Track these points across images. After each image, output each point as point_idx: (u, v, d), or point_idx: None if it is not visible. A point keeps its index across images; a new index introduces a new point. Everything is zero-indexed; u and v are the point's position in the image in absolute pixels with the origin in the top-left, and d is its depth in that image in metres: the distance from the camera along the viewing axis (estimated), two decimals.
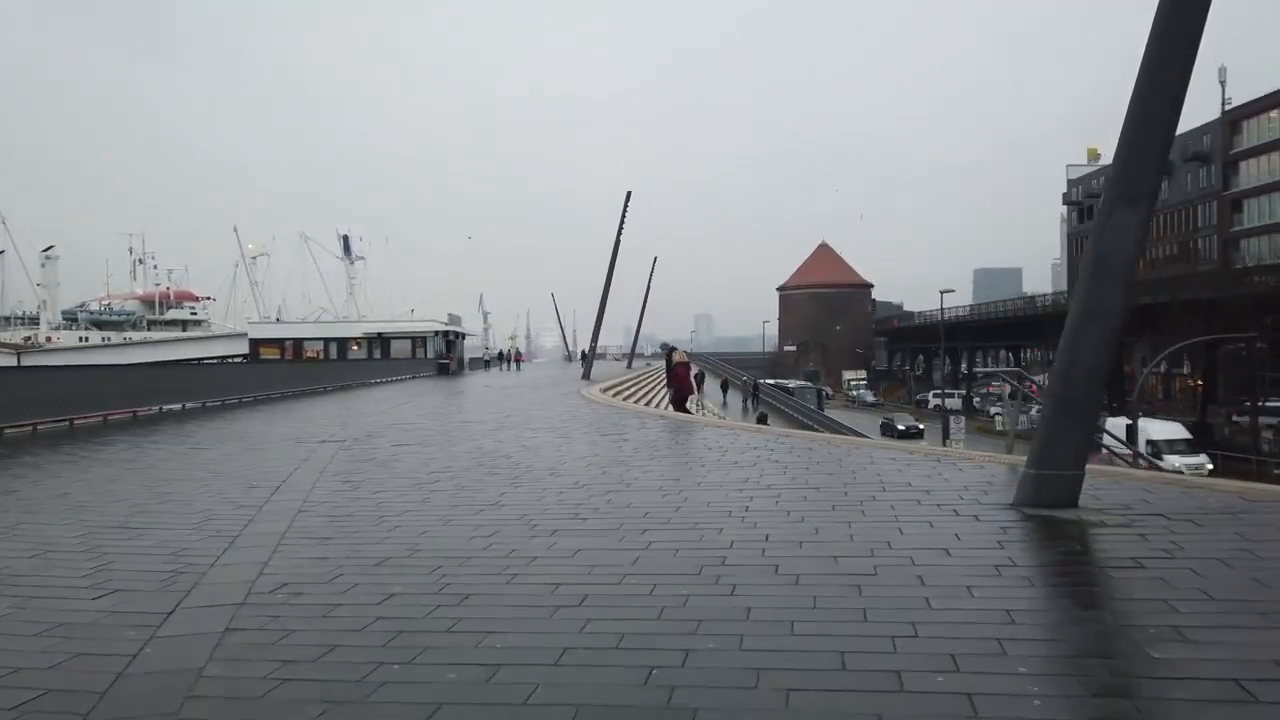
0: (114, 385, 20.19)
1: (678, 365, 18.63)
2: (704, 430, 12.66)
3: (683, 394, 18.79)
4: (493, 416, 16.77)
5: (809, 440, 10.89)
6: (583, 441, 11.72)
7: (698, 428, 13.00)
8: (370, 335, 54.64)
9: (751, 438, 11.34)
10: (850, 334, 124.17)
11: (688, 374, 19.30)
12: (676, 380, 18.51)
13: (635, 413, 16.86)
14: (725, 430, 12.44)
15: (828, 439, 10.90)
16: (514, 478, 8.64)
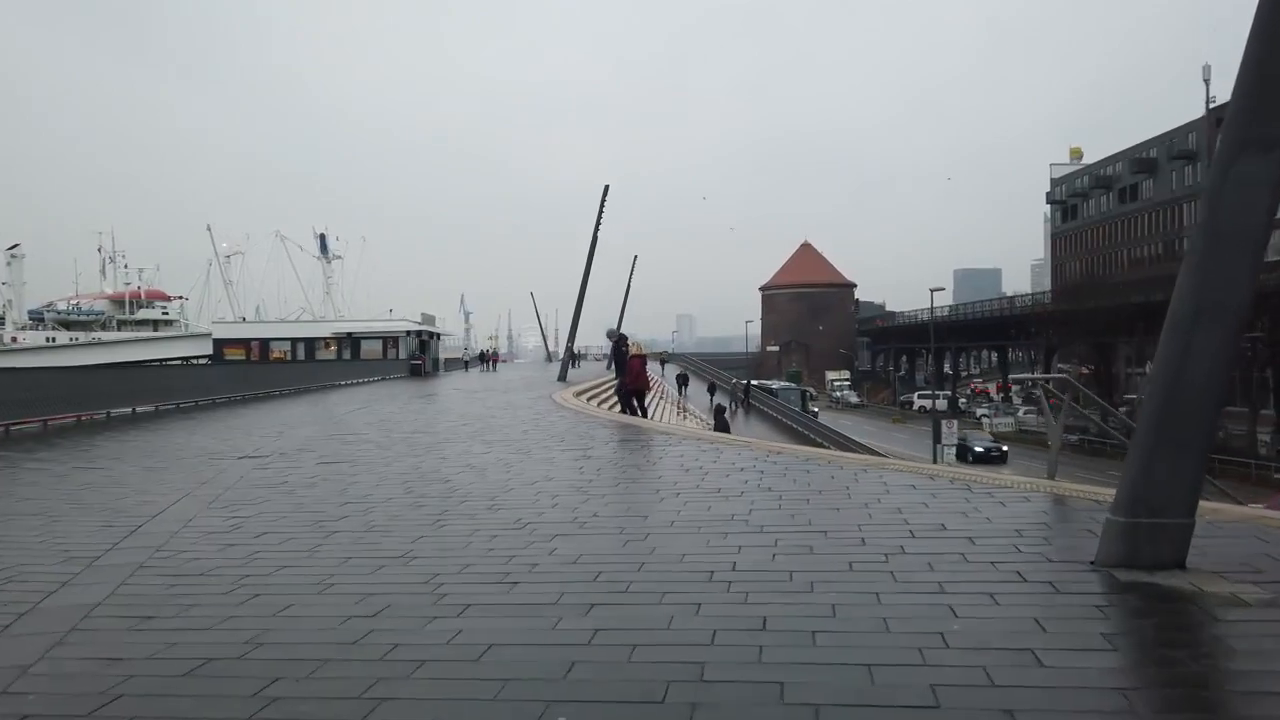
0: (55, 389, 18.42)
1: (632, 358, 16.84)
2: (681, 445, 10.96)
3: (637, 391, 16.95)
4: (447, 426, 15.01)
5: (804, 459, 9.21)
6: (539, 459, 10.00)
7: (674, 441, 11.31)
8: (340, 336, 52.69)
9: (736, 455, 9.66)
10: (833, 334, 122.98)
11: (643, 368, 17.38)
12: (630, 375, 16.71)
13: (606, 421, 15.14)
14: (706, 445, 10.75)
15: (827, 457, 9.23)
16: (442, 512, 6.92)
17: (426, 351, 57.68)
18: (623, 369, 17.45)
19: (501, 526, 6.25)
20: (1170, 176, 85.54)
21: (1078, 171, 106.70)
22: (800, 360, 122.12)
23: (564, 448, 11.06)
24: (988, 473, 8.06)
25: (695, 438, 11.68)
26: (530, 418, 16.17)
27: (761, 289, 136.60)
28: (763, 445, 10.47)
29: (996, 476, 7.82)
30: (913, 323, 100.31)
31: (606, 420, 15.05)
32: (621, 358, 17.84)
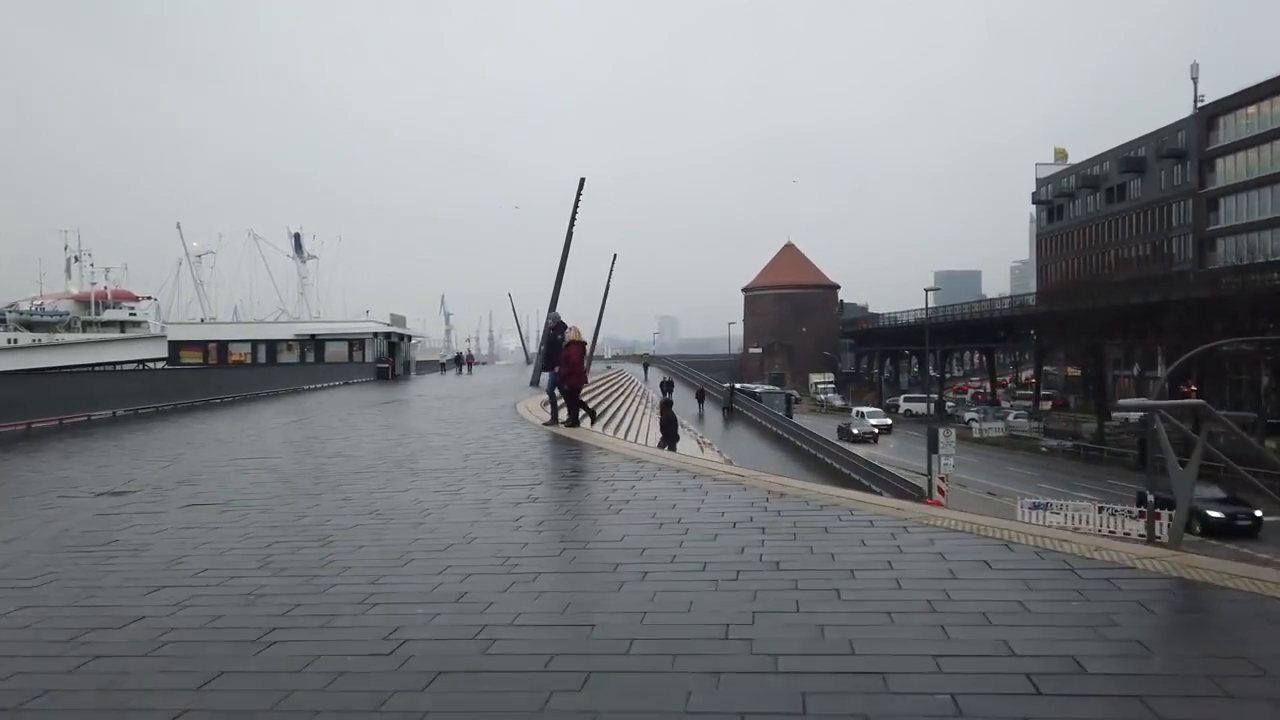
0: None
1: (570, 345, 14.15)
2: (655, 479, 8.66)
3: (574, 386, 14.14)
4: (379, 447, 12.62)
5: (816, 505, 6.93)
6: (468, 503, 7.67)
7: (646, 474, 9.01)
8: (303, 337, 50.04)
9: (726, 498, 7.39)
10: (816, 336, 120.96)
11: (581, 358, 14.61)
12: (567, 367, 13.97)
13: (570, 439, 12.83)
14: (687, 481, 8.44)
15: (846, 503, 6.94)
16: (289, 609, 4.59)
17: (396, 354, 55.16)
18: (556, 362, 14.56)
19: (359, 650, 3.92)
20: (1159, 176, 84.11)
21: (1064, 171, 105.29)
22: (783, 362, 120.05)
23: (505, 483, 8.72)
24: (1078, 535, 5.78)
25: (674, 468, 9.38)
26: (481, 435, 13.83)
27: (744, 289, 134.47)
28: (759, 482, 8.18)
29: (1095, 541, 5.58)
30: (898, 324, 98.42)
31: (571, 438, 12.72)
32: (557, 349, 14.84)
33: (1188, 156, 79.39)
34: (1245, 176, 72.28)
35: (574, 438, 13.00)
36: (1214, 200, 76.15)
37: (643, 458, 10.39)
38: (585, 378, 15.02)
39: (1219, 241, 75.46)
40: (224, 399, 27.85)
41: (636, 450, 11.36)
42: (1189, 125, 79.55)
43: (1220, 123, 76.03)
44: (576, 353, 14.17)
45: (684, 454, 11.50)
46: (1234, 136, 73.86)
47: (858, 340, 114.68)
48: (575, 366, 14.09)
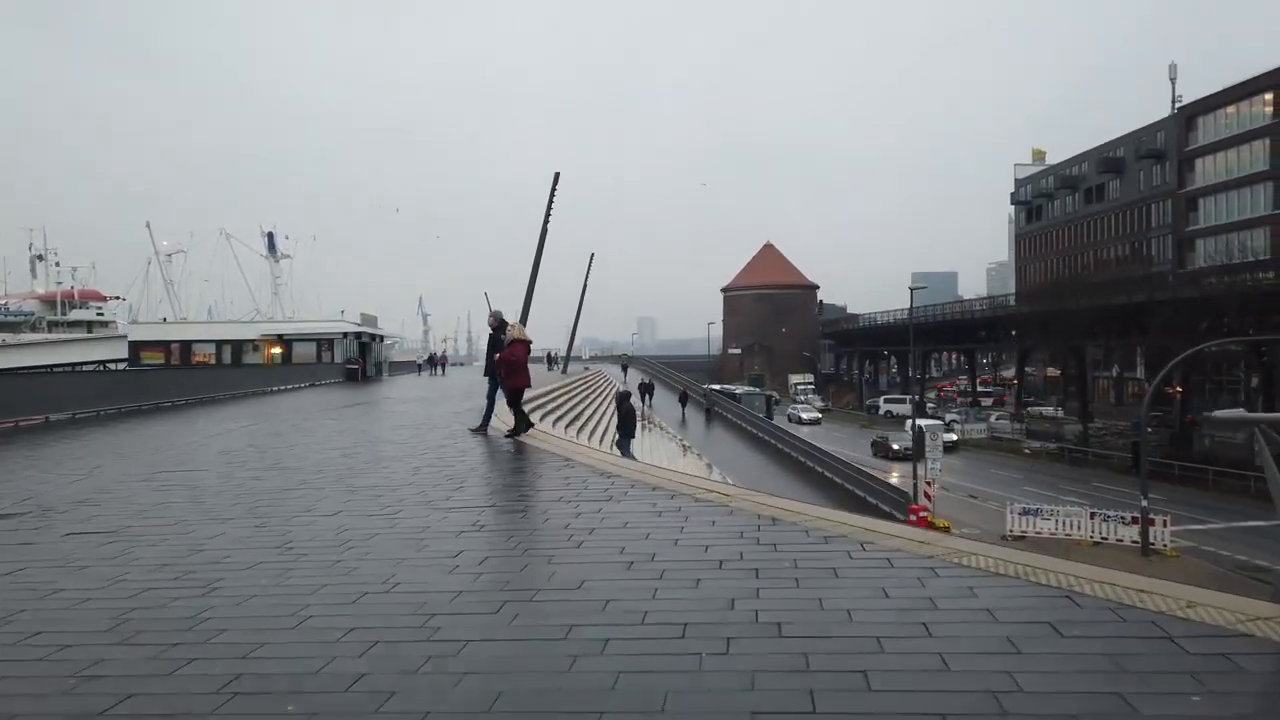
0: None
1: (514, 344, 12.74)
2: (626, 500, 7.46)
3: (517, 389, 12.84)
4: (323, 458, 11.33)
5: (820, 537, 5.73)
6: (403, 532, 6.44)
7: (617, 492, 7.81)
8: (269, 337, 48.41)
9: (709, 527, 6.21)
10: (796, 336, 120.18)
11: (526, 358, 13.27)
12: (507, 367, 12.59)
13: (534, 449, 11.60)
14: (664, 502, 7.23)
15: (855, 535, 5.74)
16: (112, 705, 3.34)
17: (368, 355, 53.63)
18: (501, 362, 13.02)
19: None
20: (1138, 176, 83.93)
21: (1043, 171, 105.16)
22: (763, 363, 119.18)
23: (452, 504, 7.47)
24: (1157, 584, 4.62)
25: (649, 485, 8.16)
26: (438, 444, 12.55)
27: (723, 290, 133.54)
28: (747, 503, 6.98)
29: (1178, 591, 4.44)
30: (878, 325, 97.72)
31: (530, 450, 11.47)
32: (498, 349, 13.28)
33: (1167, 157, 79.21)
34: (1225, 177, 72.10)
35: (539, 446, 11.77)
36: (1193, 200, 75.97)
37: (613, 471, 9.16)
38: (529, 380, 13.53)
39: (1198, 242, 75.26)
40: (181, 402, 26.42)
41: (608, 462, 10.13)
42: (1168, 125, 79.38)
43: (1199, 123, 75.87)
44: (521, 352, 12.86)
45: (661, 467, 10.28)
46: (1213, 136, 73.69)
47: (837, 341, 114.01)
48: (519, 367, 12.76)
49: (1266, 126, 67.40)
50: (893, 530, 5.98)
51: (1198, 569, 24.90)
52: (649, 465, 9.82)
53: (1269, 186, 67.50)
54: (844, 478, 35.23)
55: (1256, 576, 24.15)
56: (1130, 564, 25.19)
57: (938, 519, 29.68)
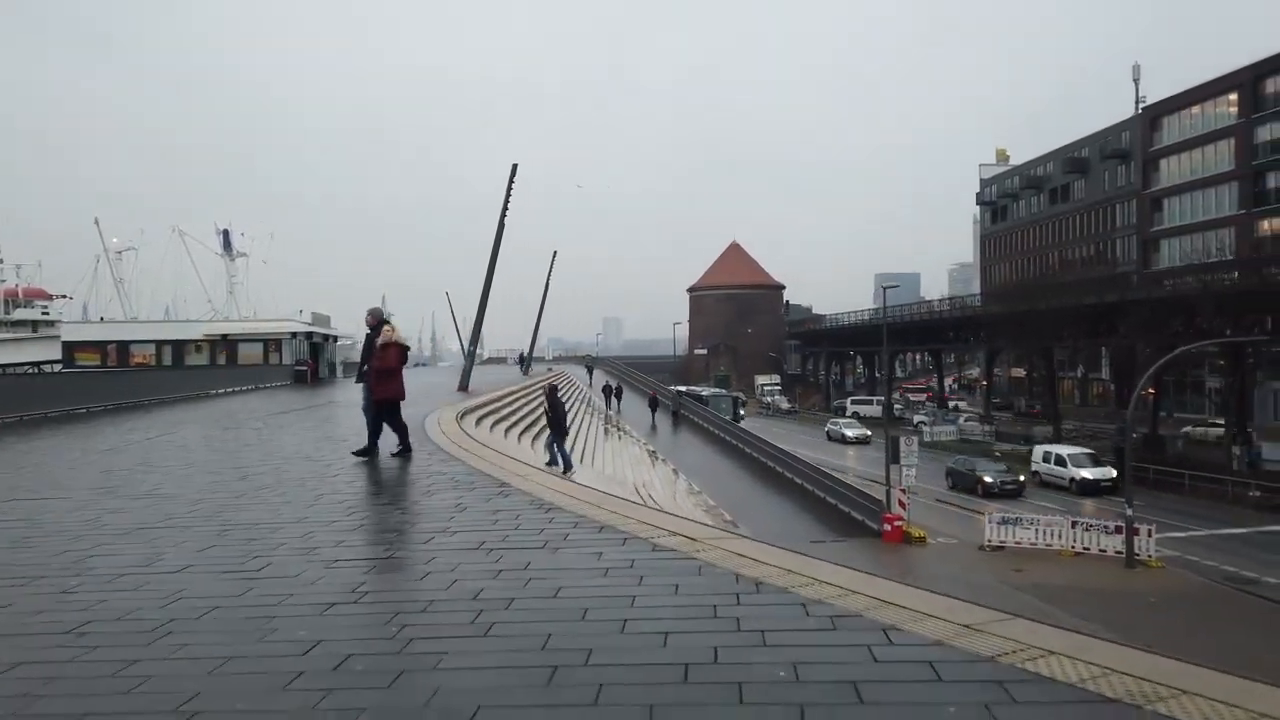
0: None
1: (387, 347, 10.93)
2: (566, 546, 5.80)
3: (389, 400, 10.97)
4: (212, 480, 9.56)
5: (823, 616, 4.13)
6: (251, 605, 4.74)
7: (559, 530, 6.16)
8: (213, 337, 46.04)
9: (668, 583, 4.61)
10: (762, 337, 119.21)
11: (401, 364, 11.26)
12: (378, 376, 10.86)
13: (462, 472, 9.92)
14: (613, 547, 5.59)
15: (877, 613, 4.14)
16: None
17: (320, 356, 51.36)
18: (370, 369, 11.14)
19: None
20: (1103, 176, 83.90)
21: (1008, 172, 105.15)
22: (728, 363, 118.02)
23: (340, 554, 5.76)
24: None
25: (596, 523, 6.51)
26: (359, 461, 10.82)
27: (689, 290, 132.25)
28: (721, 554, 5.36)
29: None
30: (846, 325, 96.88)
31: (463, 470, 9.76)
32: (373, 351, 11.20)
33: (1131, 157, 79.19)
34: (1189, 177, 72.09)
35: (476, 466, 10.07)
36: (1158, 201, 75.97)
37: (555, 502, 7.49)
38: (403, 390, 11.39)
39: (1163, 242, 75.27)
40: (100, 408, 24.32)
41: (552, 487, 8.44)
42: (1132, 126, 79.35)
43: (1164, 123, 75.88)
44: (394, 357, 11.06)
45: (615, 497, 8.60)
46: (1178, 137, 73.70)
47: (804, 341, 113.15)
48: (392, 375, 11.01)
49: (1231, 127, 67.43)
50: (922, 602, 4.37)
51: (1184, 581, 23.79)
52: (600, 494, 8.15)
53: (1234, 187, 67.54)
54: (815, 484, 33.85)
55: (1245, 589, 23.10)
56: (1115, 576, 24.06)
57: (913, 528, 28.38)
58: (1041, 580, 23.32)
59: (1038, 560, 25.56)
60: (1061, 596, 21.42)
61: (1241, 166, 66.12)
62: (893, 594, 4.49)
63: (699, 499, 29.75)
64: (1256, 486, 34.22)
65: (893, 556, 26.58)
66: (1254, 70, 64.83)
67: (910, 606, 4.25)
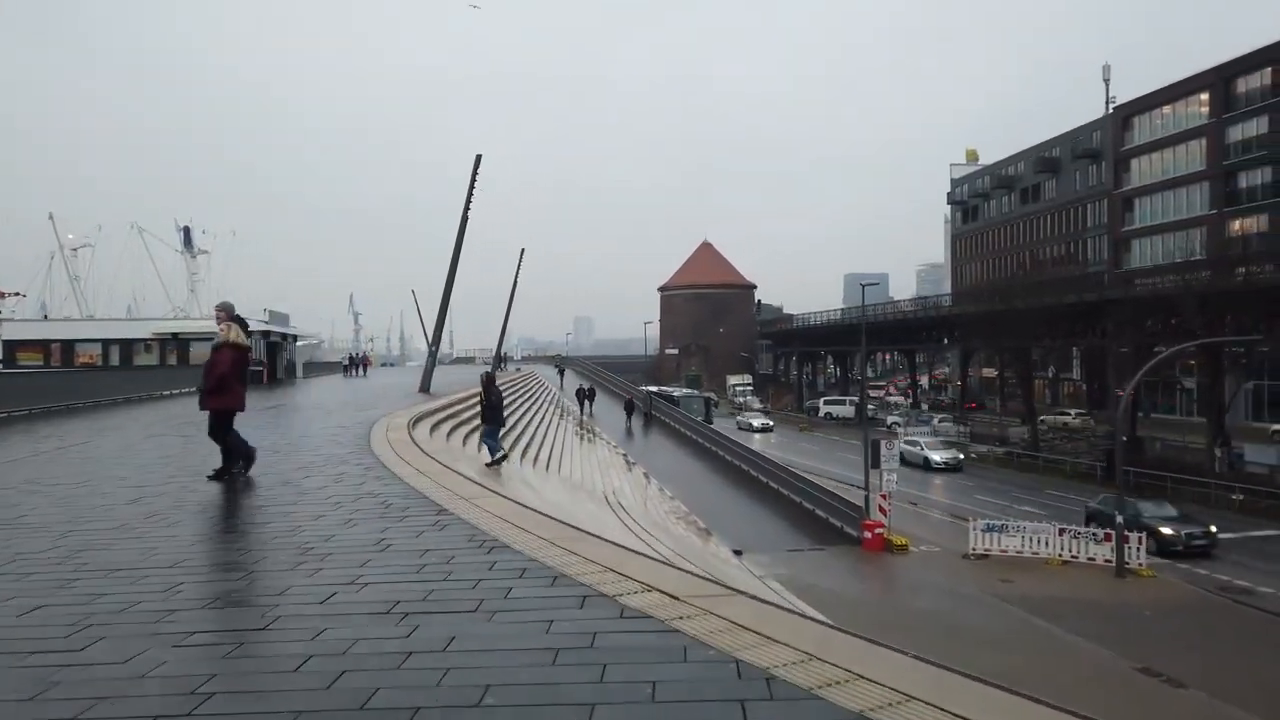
0: None
1: (220, 349, 9.33)
2: (507, 600, 4.40)
3: (221, 411, 9.34)
4: (50, 522, 8.02)
5: None
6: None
7: (500, 580, 4.77)
8: (162, 336, 43.97)
9: (643, 673, 3.18)
10: (733, 336, 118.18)
11: (238, 370, 9.49)
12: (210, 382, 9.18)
13: (399, 495, 8.48)
14: (572, 604, 4.22)
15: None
16: None
17: (278, 355, 49.39)
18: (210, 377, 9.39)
19: None
20: (1074, 176, 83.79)
21: (979, 171, 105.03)
22: (700, 363, 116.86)
23: (198, 627, 4.32)
24: None
25: (548, 570, 5.11)
26: (277, 482, 9.33)
27: (660, 289, 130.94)
28: (713, 624, 3.99)
29: None
30: (819, 325, 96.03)
31: (400, 492, 8.30)
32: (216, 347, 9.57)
33: (1103, 156, 79.05)
34: (1160, 177, 71.97)
35: (414, 486, 8.62)
36: (1129, 200, 75.83)
37: (501, 537, 6.07)
38: (242, 399, 9.63)
39: (1134, 242, 75.15)
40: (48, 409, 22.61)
41: (501, 513, 7.01)
42: (1104, 125, 79.22)
43: (1135, 123, 75.75)
44: (227, 361, 9.30)
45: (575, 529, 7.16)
46: (1149, 136, 73.57)
47: (776, 341, 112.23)
48: (224, 380, 9.24)
49: (1202, 126, 67.29)
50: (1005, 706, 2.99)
51: (1178, 591, 22.82)
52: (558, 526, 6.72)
53: (1205, 186, 67.42)
54: (793, 490, 32.64)
55: (1241, 600, 22.17)
56: (1107, 587, 23.04)
57: (895, 536, 27.24)
58: (1030, 591, 22.25)
59: (1025, 569, 24.50)
60: (1053, 610, 20.34)
61: (1213, 166, 65.99)
62: (987, 703, 3.11)
63: (672, 505, 28.41)
64: (1240, 490, 33.50)
65: (874, 566, 25.42)
66: (1225, 70, 64.76)
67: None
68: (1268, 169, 61.63)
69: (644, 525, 19.85)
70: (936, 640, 18.03)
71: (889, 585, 23.92)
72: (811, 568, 24.12)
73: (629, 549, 5.97)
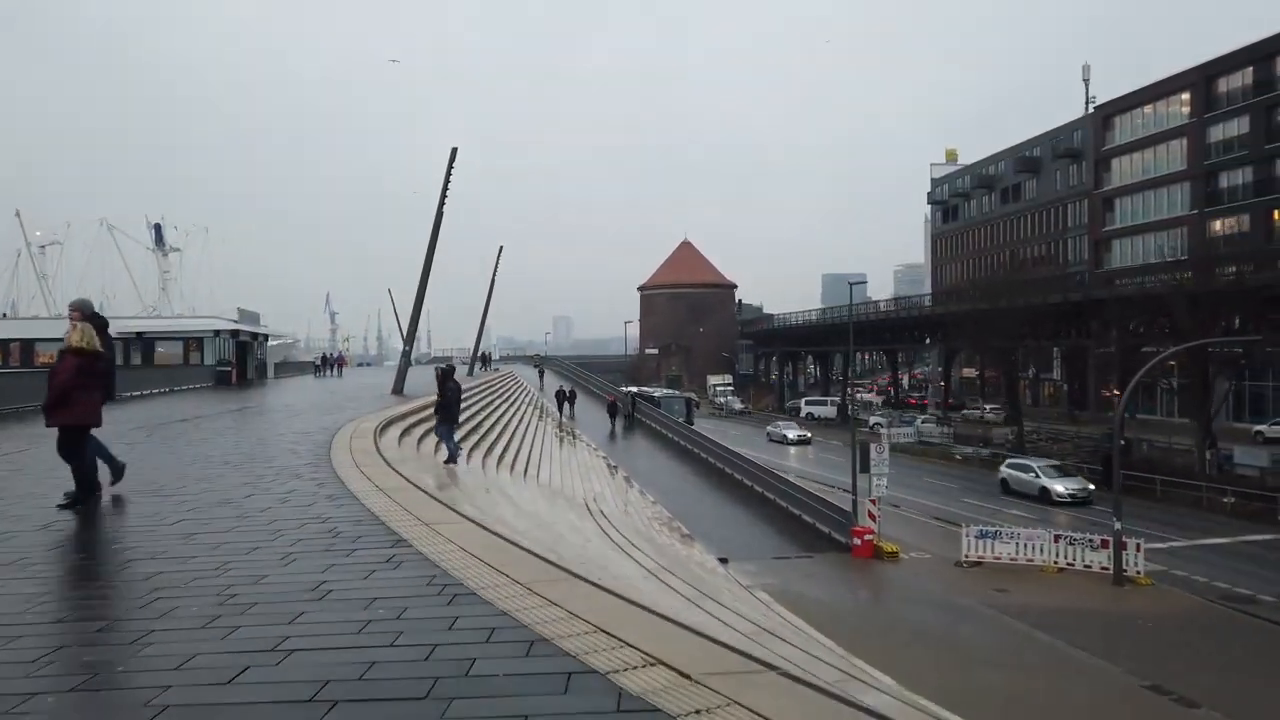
0: None
1: (64, 356, 8.00)
2: (478, 673, 3.36)
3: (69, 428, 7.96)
4: None
5: None
6: None
7: (454, 664, 3.74)
8: (126, 335, 42.38)
9: None
10: (714, 336, 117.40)
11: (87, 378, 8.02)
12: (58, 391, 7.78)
13: (353, 523, 7.41)
14: (553, 682, 3.20)
15: None
16: None
17: (248, 355, 47.90)
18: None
19: None
20: (1055, 176, 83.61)
21: (959, 171, 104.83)
22: (680, 363, 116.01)
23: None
24: None
25: (523, 629, 4.10)
26: (214, 502, 8.21)
27: (640, 289, 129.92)
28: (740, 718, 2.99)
29: None
30: (800, 324, 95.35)
31: (354, 515, 7.22)
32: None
33: (1083, 156, 78.89)
34: (1141, 177, 71.83)
35: (369, 506, 7.55)
36: (1110, 200, 75.68)
37: (469, 577, 5.03)
38: (95, 413, 8.22)
39: (1115, 242, 75.01)
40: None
41: (470, 546, 5.98)
42: (1085, 125, 79.07)
43: (1116, 122, 75.60)
44: (70, 369, 7.92)
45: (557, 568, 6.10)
46: (1130, 136, 73.43)
47: (757, 341, 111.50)
48: (65, 392, 7.89)
49: (1183, 126, 67.18)
50: None
51: (1178, 600, 22.08)
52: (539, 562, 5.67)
53: (1185, 187, 67.29)
54: (777, 494, 31.74)
55: (1244, 609, 21.46)
56: (1106, 596, 22.28)
57: (885, 543, 26.38)
58: (1028, 601, 21.44)
59: (1019, 578, 23.71)
60: (1054, 622, 19.52)
61: (1194, 166, 65.86)
62: None
63: (654, 510, 27.41)
64: (1231, 493, 32.96)
65: (864, 575, 24.54)
66: (1206, 69, 64.62)
67: None
68: (1249, 169, 61.52)
69: (626, 534, 18.83)
70: (938, 657, 17.17)
71: (882, 596, 23.04)
72: (800, 576, 23.20)
73: (623, 598, 4.93)
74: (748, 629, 11.22)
